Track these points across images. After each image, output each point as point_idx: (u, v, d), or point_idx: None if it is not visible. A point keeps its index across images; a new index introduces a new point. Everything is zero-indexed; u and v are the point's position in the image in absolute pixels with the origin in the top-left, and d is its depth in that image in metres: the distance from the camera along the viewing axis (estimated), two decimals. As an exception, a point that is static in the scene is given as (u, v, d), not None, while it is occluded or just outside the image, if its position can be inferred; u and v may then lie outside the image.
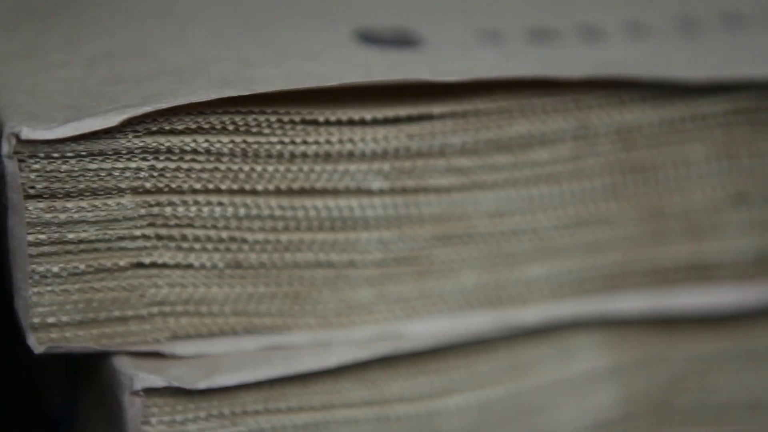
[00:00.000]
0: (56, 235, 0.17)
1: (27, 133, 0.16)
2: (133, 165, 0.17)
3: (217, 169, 0.18)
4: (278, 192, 0.18)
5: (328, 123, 0.18)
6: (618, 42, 0.20)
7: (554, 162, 0.19)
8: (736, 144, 0.20)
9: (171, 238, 0.18)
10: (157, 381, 0.17)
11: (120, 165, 0.17)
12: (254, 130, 0.18)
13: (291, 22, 0.20)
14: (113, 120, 0.17)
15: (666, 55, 0.20)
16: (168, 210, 0.18)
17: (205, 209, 0.18)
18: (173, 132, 0.17)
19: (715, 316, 0.20)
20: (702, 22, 0.21)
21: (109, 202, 0.17)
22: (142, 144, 0.17)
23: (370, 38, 0.20)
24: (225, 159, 0.18)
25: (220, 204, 0.18)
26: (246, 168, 0.18)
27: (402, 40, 0.20)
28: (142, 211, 0.17)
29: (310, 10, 0.21)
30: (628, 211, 0.20)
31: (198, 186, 0.18)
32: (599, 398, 0.20)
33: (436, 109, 0.18)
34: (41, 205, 0.17)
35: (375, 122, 0.18)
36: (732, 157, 0.20)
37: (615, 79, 0.19)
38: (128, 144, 0.17)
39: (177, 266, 0.18)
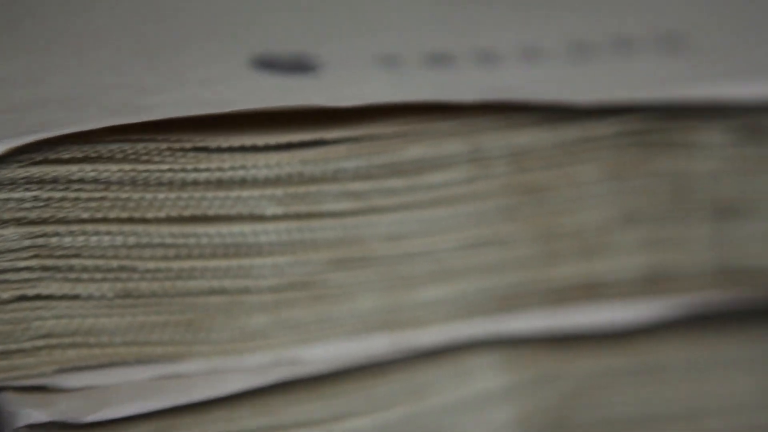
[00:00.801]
0: None
1: None
2: (16, 195, 0.16)
3: (105, 198, 0.16)
4: (170, 220, 0.17)
5: (220, 150, 0.17)
6: (512, 66, 0.19)
7: (449, 185, 0.18)
8: (626, 165, 0.19)
9: (57, 269, 0.16)
10: (41, 416, 0.16)
11: (2, 196, 0.16)
12: (144, 158, 0.16)
13: (189, 48, 0.19)
14: (-5, 151, 0.15)
15: (558, 79, 0.19)
16: (54, 240, 0.16)
17: (93, 239, 0.16)
18: (59, 161, 0.16)
19: (608, 333, 0.19)
20: (594, 47, 0.20)
21: None
22: (26, 174, 0.16)
23: (267, 64, 0.18)
24: (114, 188, 0.16)
25: (108, 233, 0.16)
26: (136, 196, 0.16)
27: (299, 66, 0.19)
28: (27, 243, 0.16)
29: (209, 35, 0.20)
30: (523, 233, 0.19)
31: (85, 215, 0.16)
32: (497, 417, 0.19)
33: (330, 134, 0.17)
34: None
35: (268, 148, 0.17)
36: (622, 178, 0.19)
37: (508, 102, 0.18)
38: (11, 175, 0.16)
39: (64, 297, 0.16)
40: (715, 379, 0.20)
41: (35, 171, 0.16)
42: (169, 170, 0.16)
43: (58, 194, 0.16)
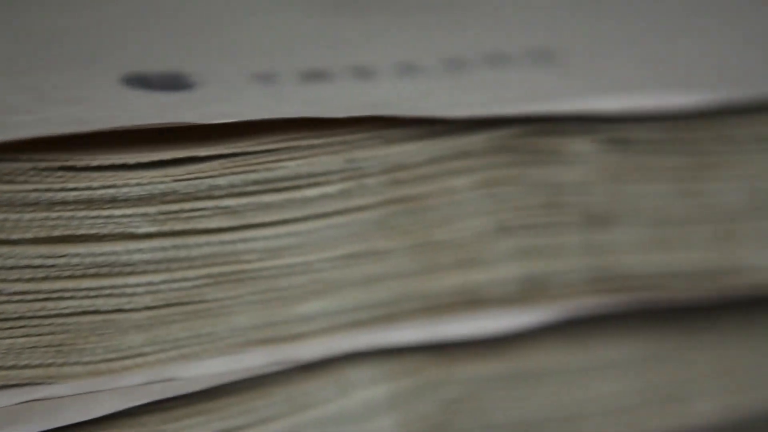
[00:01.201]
0: None
1: None
2: None
3: (-33, 219, 0.16)
4: (37, 240, 0.16)
5: (88, 168, 0.16)
6: (388, 81, 0.19)
7: (325, 199, 0.18)
8: (500, 176, 0.19)
9: None
10: None
11: None
12: (6, 178, 0.16)
13: (57, 66, 0.18)
14: None
15: (433, 94, 0.19)
16: None
17: (-44, 261, 0.16)
18: None
19: (488, 340, 0.19)
20: (468, 62, 0.20)
21: None
22: None
23: (140, 82, 0.18)
24: None
25: None
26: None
27: (173, 84, 0.18)
28: None
29: (80, 54, 0.19)
30: (400, 245, 0.18)
31: (-52, 238, 0.16)
32: (380, 426, 0.19)
33: (202, 151, 0.17)
34: None
35: (139, 166, 0.16)
36: (496, 189, 0.19)
37: (381, 117, 0.18)
38: None
39: None
40: (592, 382, 0.20)
41: None
42: (35, 190, 0.16)
43: None
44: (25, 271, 0.16)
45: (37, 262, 0.16)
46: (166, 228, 0.17)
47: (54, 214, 0.16)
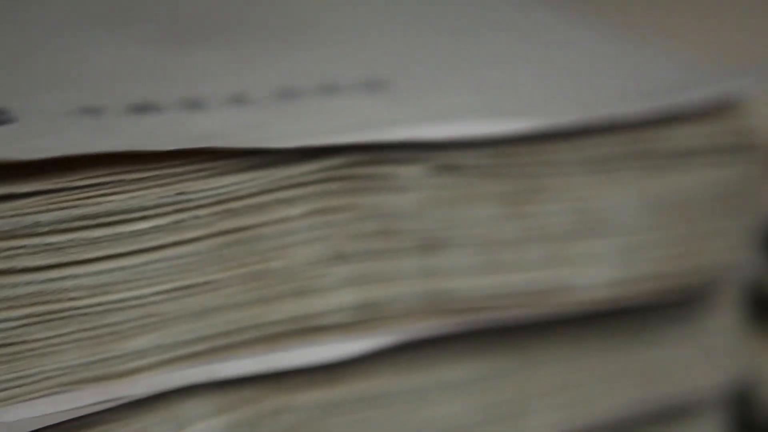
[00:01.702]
0: None
1: None
2: None
3: None
4: None
5: None
6: (219, 113, 0.19)
7: (155, 233, 0.17)
8: (333, 204, 0.19)
9: None
10: None
11: None
12: None
13: None
14: None
15: (264, 124, 0.18)
16: None
17: None
18: None
19: (327, 366, 0.19)
20: (300, 92, 0.20)
21: None
22: None
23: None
24: None
25: None
26: None
27: (-5, 118, 0.17)
28: None
29: None
30: (233, 276, 0.18)
31: None
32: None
33: (22, 187, 0.16)
34: None
35: (-46, 205, 0.16)
36: (329, 217, 0.19)
37: (212, 149, 0.17)
38: None
39: None
40: (431, 403, 0.20)
41: None
42: None
43: None
44: None
45: None
46: (-15, 268, 0.16)
47: None
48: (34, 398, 0.16)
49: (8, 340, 0.16)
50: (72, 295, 0.17)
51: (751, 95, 0.20)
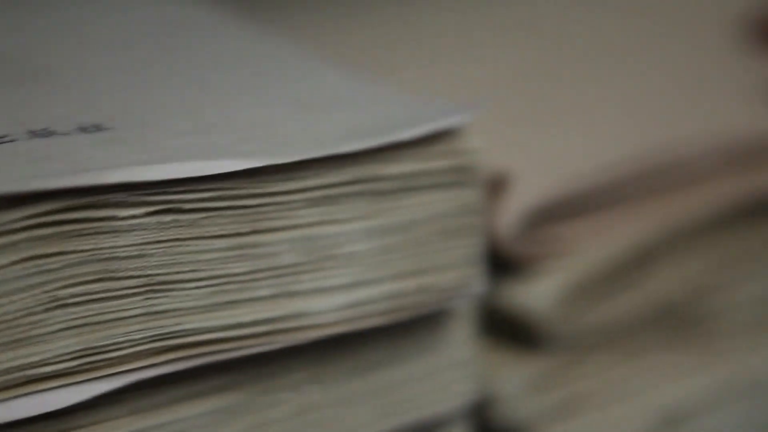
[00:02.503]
0: None
1: None
2: None
3: None
4: None
5: None
6: None
7: None
8: (45, 251, 0.18)
9: None
10: None
11: None
12: None
13: None
14: None
15: None
16: None
17: None
18: None
19: (52, 415, 0.18)
20: (12, 137, 0.19)
21: None
22: None
23: None
24: None
25: None
26: None
27: None
28: None
29: None
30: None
31: None
32: None
33: None
34: None
35: None
36: (42, 264, 0.18)
37: None
38: None
39: None
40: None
41: None
42: None
43: None
44: None
45: None
46: None
47: None
48: None
49: None
50: None
51: (466, 127, 0.21)
